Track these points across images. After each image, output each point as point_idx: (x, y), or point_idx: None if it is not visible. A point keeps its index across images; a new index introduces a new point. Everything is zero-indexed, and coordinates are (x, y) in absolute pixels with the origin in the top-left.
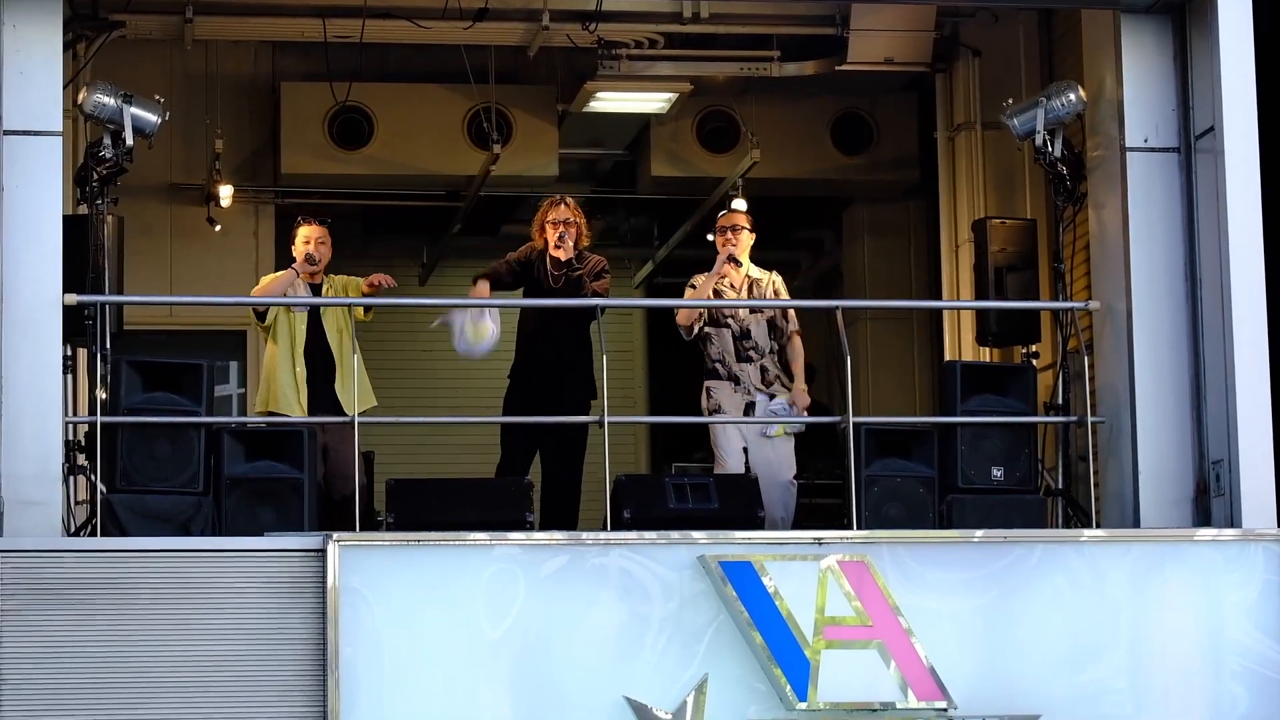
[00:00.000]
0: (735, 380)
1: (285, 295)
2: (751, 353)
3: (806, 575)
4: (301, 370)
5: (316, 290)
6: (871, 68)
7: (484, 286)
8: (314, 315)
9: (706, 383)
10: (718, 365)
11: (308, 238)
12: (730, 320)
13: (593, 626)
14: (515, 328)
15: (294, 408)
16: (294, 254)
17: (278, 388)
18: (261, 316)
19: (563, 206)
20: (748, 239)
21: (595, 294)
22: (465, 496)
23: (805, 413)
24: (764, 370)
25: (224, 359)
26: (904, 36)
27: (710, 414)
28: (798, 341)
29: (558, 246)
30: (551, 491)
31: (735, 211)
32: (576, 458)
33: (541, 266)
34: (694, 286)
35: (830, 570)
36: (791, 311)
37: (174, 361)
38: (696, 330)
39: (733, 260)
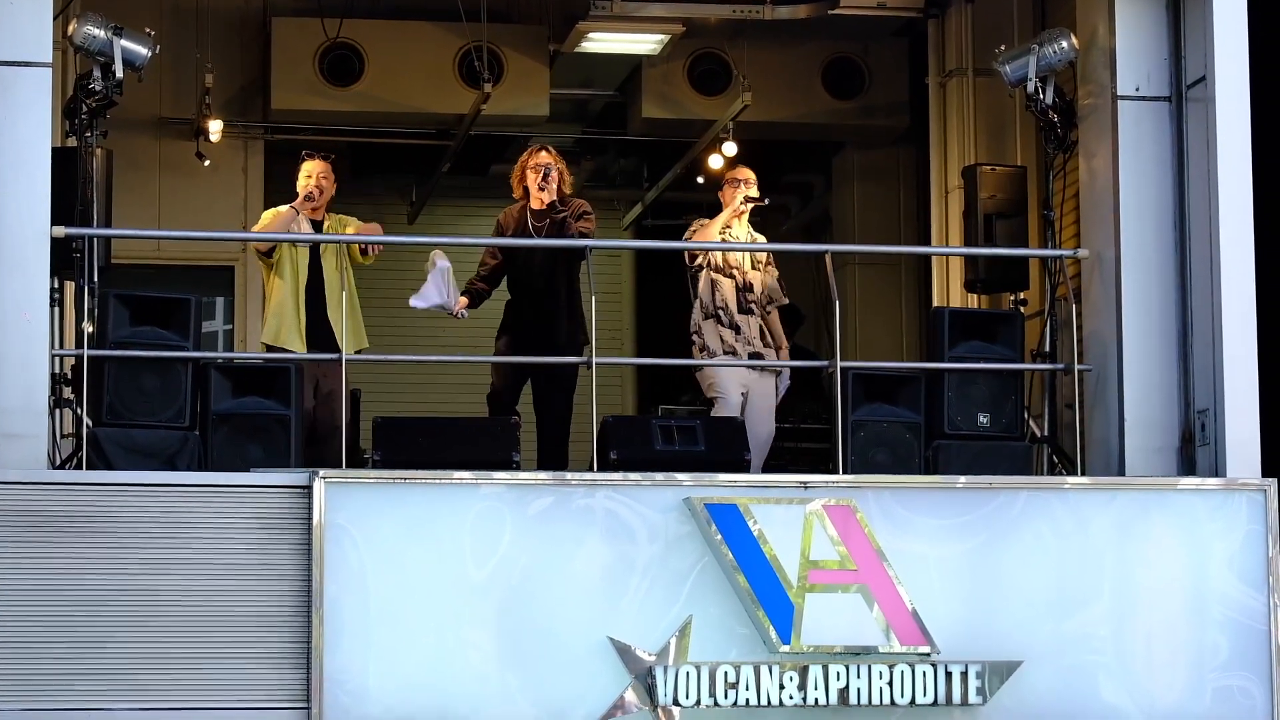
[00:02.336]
0: (736, 330)
1: (288, 232)
2: (753, 305)
3: (792, 519)
4: (303, 306)
5: (318, 227)
6: (864, 12)
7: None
8: (314, 252)
9: (718, 328)
10: (720, 312)
11: (310, 172)
12: (734, 271)
13: (578, 567)
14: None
15: (297, 343)
16: (297, 189)
17: (284, 323)
18: (268, 253)
19: (544, 153)
20: (756, 191)
21: (580, 235)
22: (452, 435)
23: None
24: (762, 330)
25: (211, 294)
26: None
27: (710, 353)
28: (776, 315)
29: (541, 189)
30: (543, 427)
31: (745, 168)
32: (567, 399)
33: (523, 221)
34: (703, 224)
35: (816, 514)
36: (780, 286)
37: (162, 296)
38: (696, 267)
39: (748, 200)
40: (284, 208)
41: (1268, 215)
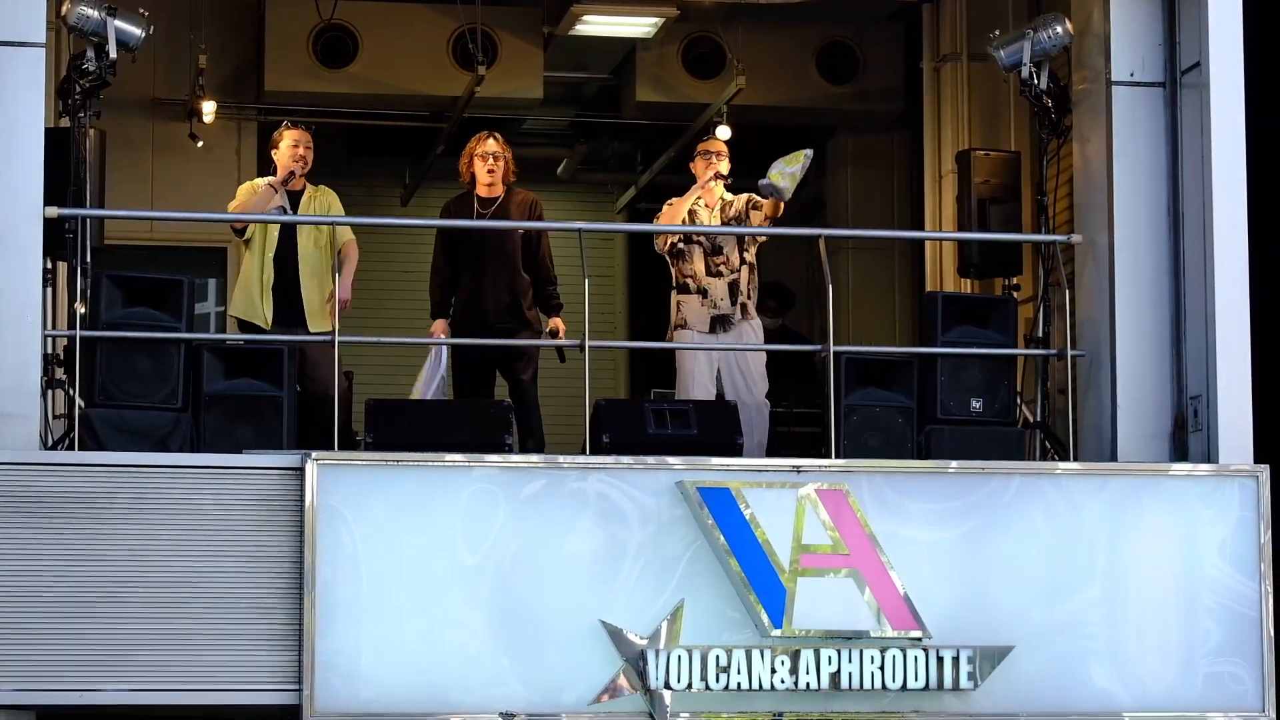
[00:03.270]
0: (703, 294)
1: (266, 209)
2: (721, 268)
3: (784, 503)
4: (269, 277)
5: (296, 197)
6: None
7: (440, 325)
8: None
9: (677, 297)
10: (689, 280)
11: (297, 141)
12: (701, 238)
13: (570, 550)
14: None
15: (258, 315)
16: (275, 159)
17: (250, 295)
18: (241, 232)
19: (491, 140)
20: (727, 165)
21: (528, 237)
22: (444, 418)
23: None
24: (733, 286)
25: (204, 276)
26: None
27: (677, 328)
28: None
29: (489, 182)
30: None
31: (717, 139)
32: (529, 386)
33: (467, 205)
34: (670, 205)
35: (808, 498)
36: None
37: (155, 277)
38: (669, 247)
39: (719, 176)
40: (261, 183)
41: (1261, 201)
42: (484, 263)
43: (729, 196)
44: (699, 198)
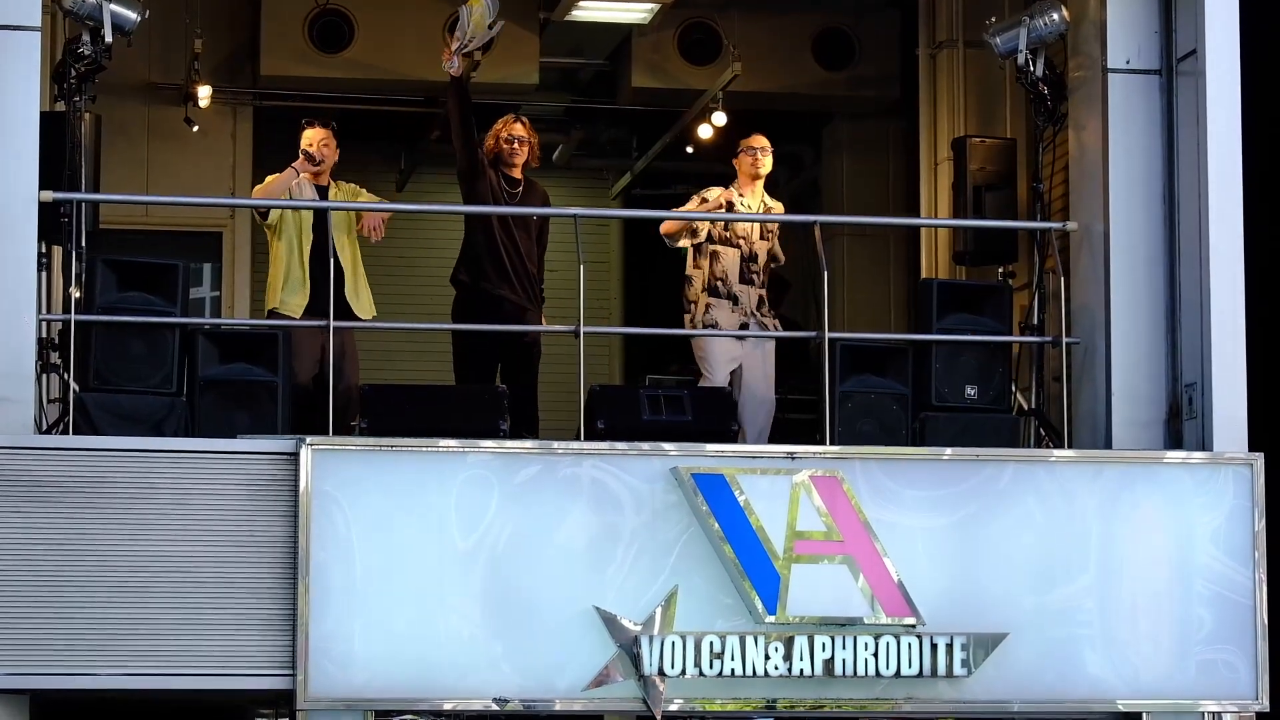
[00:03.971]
0: (734, 300)
1: (289, 195)
2: (755, 276)
3: (778, 489)
4: (306, 270)
5: (323, 193)
6: None
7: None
8: (320, 218)
9: (707, 299)
10: (719, 283)
11: (311, 140)
12: (741, 241)
13: (564, 536)
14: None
15: (294, 309)
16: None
17: (288, 288)
18: (265, 215)
19: (519, 125)
20: (770, 163)
21: (541, 228)
22: (439, 403)
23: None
24: (761, 298)
25: (199, 260)
26: None
27: (706, 328)
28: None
29: (513, 160)
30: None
31: (761, 135)
32: (532, 368)
33: (497, 176)
34: (705, 199)
35: (802, 485)
36: (778, 248)
37: (149, 261)
38: (683, 243)
39: (756, 178)
40: (284, 172)
41: (1257, 189)
42: (512, 241)
43: (770, 202)
44: (741, 196)
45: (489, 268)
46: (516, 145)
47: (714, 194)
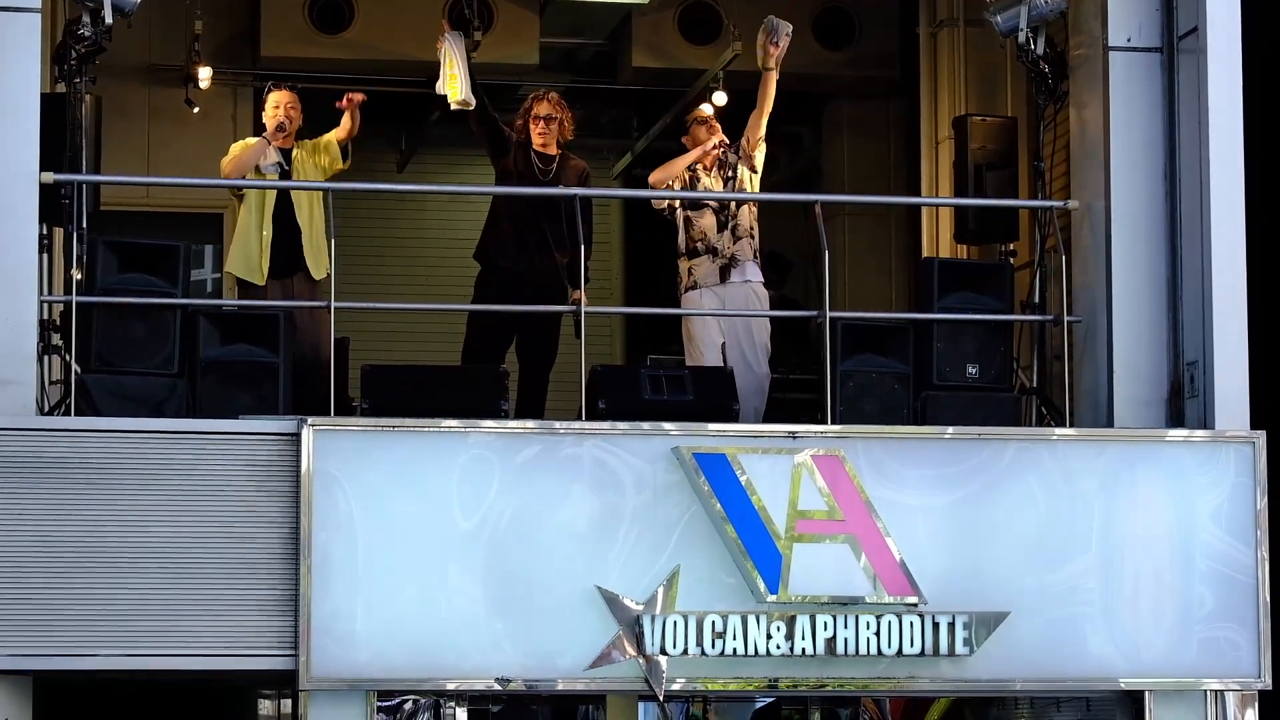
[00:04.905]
0: (714, 252)
1: (259, 164)
2: (730, 220)
3: (780, 469)
4: (268, 233)
5: (287, 155)
6: None
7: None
8: (283, 180)
9: (688, 262)
10: (698, 244)
11: (278, 103)
12: (708, 203)
13: (565, 516)
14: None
15: (255, 273)
16: (264, 121)
17: (243, 251)
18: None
19: (545, 102)
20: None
21: (574, 207)
22: (440, 383)
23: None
24: (735, 228)
25: (200, 242)
26: None
27: (687, 290)
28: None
29: (541, 138)
30: (526, 378)
31: (703, 110)
32: (553, 347)
33: (525, 158)
34: (663, 169)
35: (804, 464)
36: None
37: (151, 243)
38: (669, 209)
39: (720, 145)
40: (253, 140)
41: (1258, 167)
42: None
43: (727, 155)
44: (698, 162)
45: (507, 246)
46: (544, 123)
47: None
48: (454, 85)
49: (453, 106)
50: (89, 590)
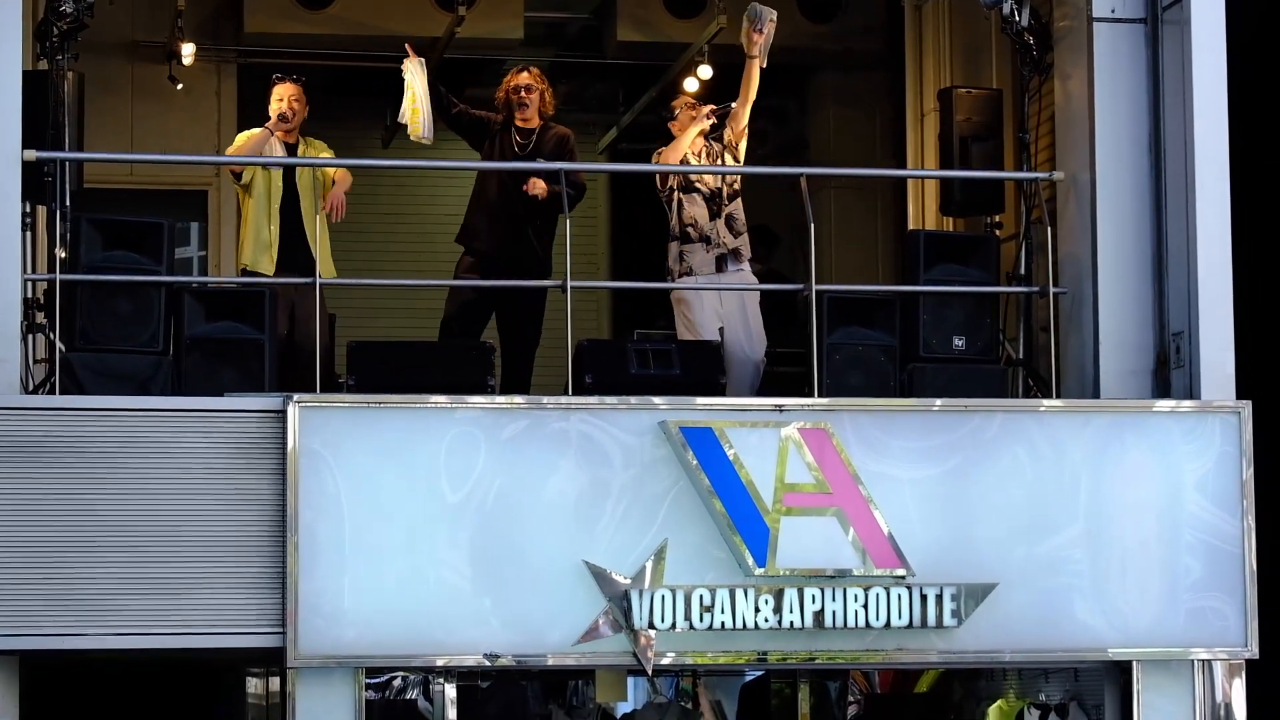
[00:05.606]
0: (707, 241)
1: (261, 154)
2: (723, 207)
3: (767, 442)
4: (275, 228)
5: (292, 150)
6: None
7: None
8: (289, 174)
9: (680, 247)
10: (689, 229)
11: (282, 95)
12: (699, 184)
13: (553, 491)
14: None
15: (264, 265)
16: (270, 113)
17: (257, 245)
18: (239, 176)
19: (524, 74)
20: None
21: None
22: (426, 359)
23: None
24: (731, 218)
25: (185, 219)
26: None
27: (682, 275)
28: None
29: (523, 111)
30: (507, 358)
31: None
32: (535, 326)
33: (506, 137)
34: (661, 154)
35: (791, 438)
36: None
37: (135, 220)
38: (668, 191)
39: (714, 113)
40: (257, 130)
41: (1242, 137)
42: (507, 199)
43: (711, 144)
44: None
45: (483, 226)
46: (524, 94)
47: (667, 150)
48: (415, 120)
49: (411, 137)
50: (74, 570)
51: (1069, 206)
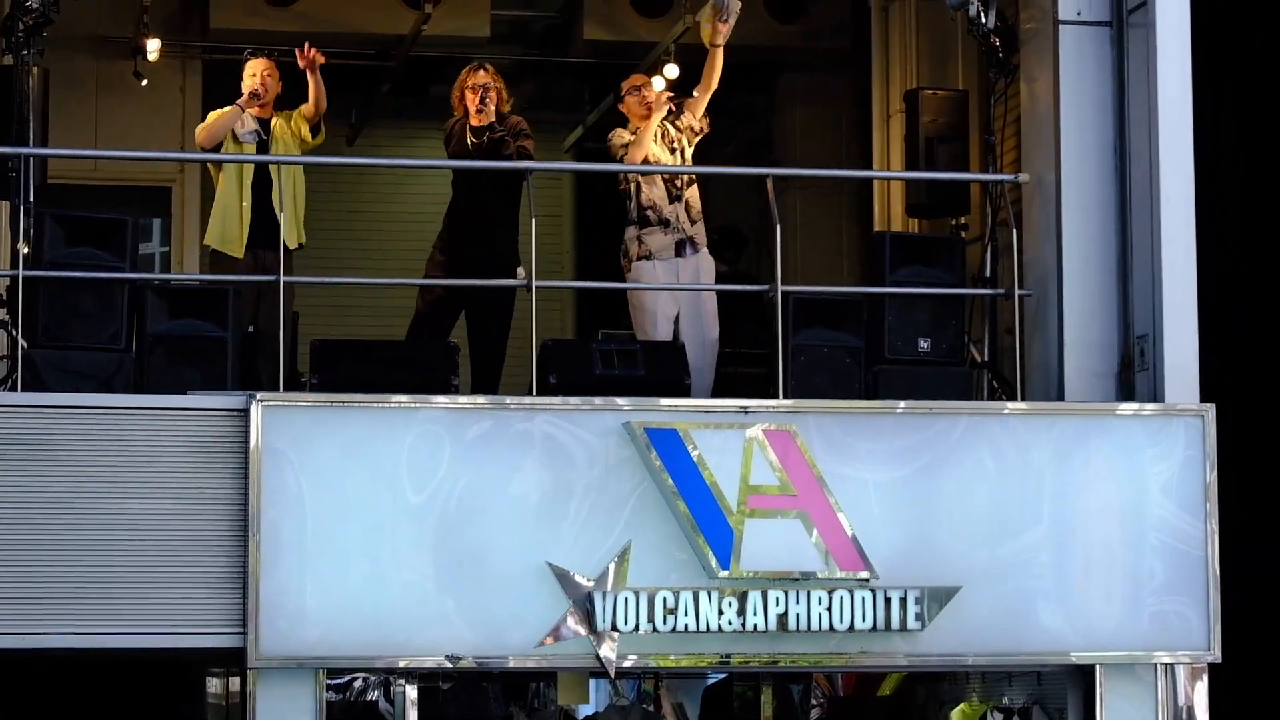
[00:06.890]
0: (665, 224)
1: (236, 133)
2: (680, 190)
3: (732, 443)
4: (248, 204)
5: (265, 125)
6: None
7: None
8: (261, 149)
9: (638, 231)
10: (649, 212)
11: (255, 71)
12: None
13: (516, 491)
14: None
15: (235, 245)
16: (242, 89)
17: (227, 224)
18: (213, 151)
19: (481, 72)
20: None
21: (521, 152)
22: (390, 358)
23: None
24: (688, 205)
25: (148, 215)
26: None
27: (639, 259)
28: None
29: (479, 111)
30: (477, 356)
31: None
32: (503, 325)
33: (461, 137)
34: (626, 144)
35: (756, 439)
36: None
37: (98, 216)
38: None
39: (671, 99)
40: (227, 109)
41: (1207, 140)
42: (484, 203)
43: (668, 128)
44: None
45: (456, 228)
46: (483, 91)
47: (628, 136)
48: None
49: None
50: (35, 568)
51: (1034, 208)
